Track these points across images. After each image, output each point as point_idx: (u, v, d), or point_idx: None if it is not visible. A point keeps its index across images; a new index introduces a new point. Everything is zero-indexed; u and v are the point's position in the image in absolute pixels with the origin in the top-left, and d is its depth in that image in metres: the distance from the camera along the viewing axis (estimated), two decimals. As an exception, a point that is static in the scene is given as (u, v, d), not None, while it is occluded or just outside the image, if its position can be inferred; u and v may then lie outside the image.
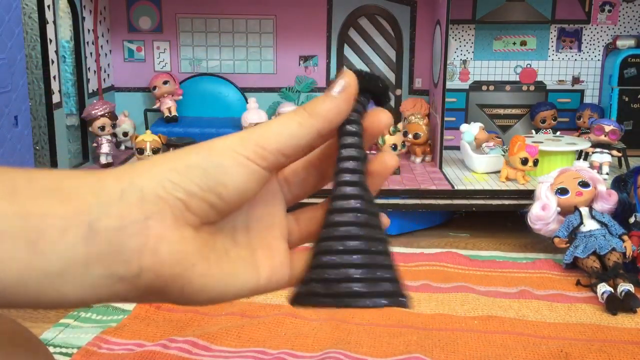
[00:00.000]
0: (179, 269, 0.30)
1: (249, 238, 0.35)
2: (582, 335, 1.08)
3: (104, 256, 0.29)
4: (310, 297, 0.33)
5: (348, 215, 0.32)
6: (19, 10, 1.38)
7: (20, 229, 0.28)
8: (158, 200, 0.30)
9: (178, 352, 1.01)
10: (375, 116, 0.35)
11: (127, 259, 0.29)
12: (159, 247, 0.30)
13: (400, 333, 1.08)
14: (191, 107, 1.96)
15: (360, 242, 0.32)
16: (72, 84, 1.73)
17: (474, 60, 1.98)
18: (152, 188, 0.30)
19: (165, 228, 0.30)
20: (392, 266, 0.33)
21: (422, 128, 1.76)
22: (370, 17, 1.94)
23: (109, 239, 0.29)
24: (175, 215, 0.30)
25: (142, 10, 1.94)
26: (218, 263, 0.32)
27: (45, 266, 0.28)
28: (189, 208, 0.31)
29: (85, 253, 0.29)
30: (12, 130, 1.38)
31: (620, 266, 1.25)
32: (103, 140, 1.72)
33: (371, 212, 0.33)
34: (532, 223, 1.44)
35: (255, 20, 1.95)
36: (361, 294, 0.31)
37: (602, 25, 1.96)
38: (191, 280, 0.31)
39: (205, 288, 0.32)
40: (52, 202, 0.28)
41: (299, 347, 1.03)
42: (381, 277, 0.32)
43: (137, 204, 0.30)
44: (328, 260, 0.32)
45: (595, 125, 1.69)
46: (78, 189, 0.29)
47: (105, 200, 0.29)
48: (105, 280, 0.29)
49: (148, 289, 0.30)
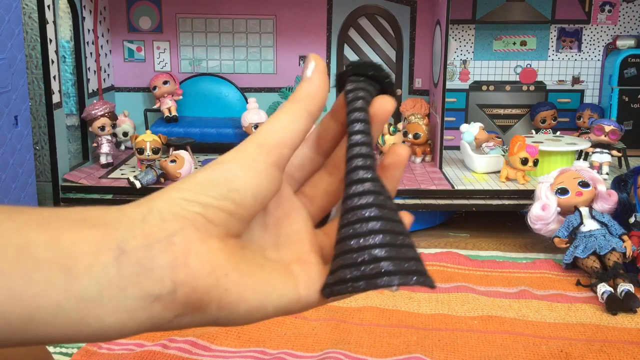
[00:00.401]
0: (212, 279, 0.31)
1: (280, 255, 0.35)
2: (582, 335, 1.08)
3: (136, 277, 0.29)
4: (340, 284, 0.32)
5: (366, 197, 0.32)
6: (19, 10, 1.38)
7: (54, 256, 0.28)
8: (177, 217, 0.31)
9: (178, 352, 1.01)
10: (378, 102, 0.35)
11: (159, 277, 0.30)
12: (188, 260, 0.30)
13: (400, 333, 1.08)
14: (191, 107, 1.96)
15: (381, 222, 0.32)
16: (72, 84, 1.73)
17: (474, 60, 1.98)
18: (169, 208, 0.31)
19: (190, 242, 0.30)
20: (413, 246, 0.33)
21: (422, 128, 1.76)
22: (370, 17, 1.94)
23: (138, 259, 0.29)
24: (198, 228, 0.31)
25: (142, 10, 1.94)
26: (251, 273, 0.32)
27: (82, 291, 0.28)
28: (208, 219, 0.31)
29: (118, 275, 0.29)
30: (12, 130, 1.38)
31: (620, 266, 1.25)
32: (103, 140, 1.72)
33: (386, 195, 0.33)
34: (532, 223, 1.44)
35: (255, 20, 1.95)
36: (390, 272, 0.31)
37: (602, 25, 1.96)
38: (227, 289, 0.31)
39: (242, 296, 0.31)
40: (80, 230, 0.29)
41: (299, 347, 1.03)
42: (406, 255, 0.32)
43: (159, 224, 0.30)
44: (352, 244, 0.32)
45: (595, 125, 1.69)
46: (102, 217, 0.30)
47: (129, 225, 0.30)
48: (141, 302, 0.30)
49: (186, 306, 0.31)
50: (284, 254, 0.35)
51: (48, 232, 0.29)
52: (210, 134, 1.84)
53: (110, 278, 0.29)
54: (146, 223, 0.30)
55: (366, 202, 0.32)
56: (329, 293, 0.33)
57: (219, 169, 0.32)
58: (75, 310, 0.28)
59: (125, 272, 0.29)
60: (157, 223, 0.30)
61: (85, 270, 0.29)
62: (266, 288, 0.32)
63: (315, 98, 0.34)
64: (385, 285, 0.31)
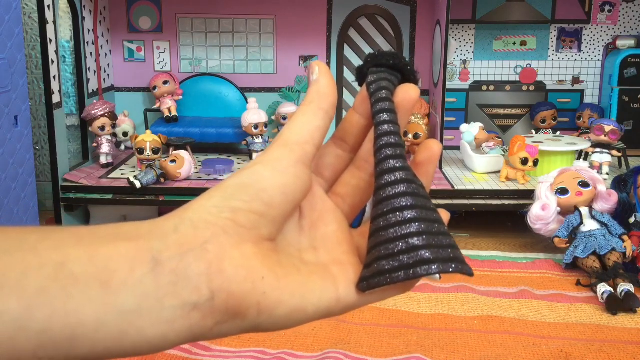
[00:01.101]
0: (249, 284, 0.31)
1: (318, 257, 0.35)
2: (582, 335, 1.08)
3: (173, 287, 0.30)
4: (379, 276, 0.32)
5: (398, 186, 0.32)
6: (19, 10, 1.38)
7: (91, 271, 0.29)
8: (208, 225, 0.31)
9: (178, 352, 1.01)
10: (402, 90, 0.36)
11: (196, 285, 0.30)
12: (223, 267, 0.30)
13: (400, 333, 1.08)
14: (191, 107, 1.96)
15: (416, 210, 0.31)
16: (72, 84, 1.73)
17: (474, 60, 1.98)
18: (200, 217, 0.31)
19: (223, 249, 0.31)
20: (449, 234, 0.32)
21: (422, 128, 1.76)
22: (370, 17, 1.94)
23: (174, 269, 0.30)
24: (230, 234, 0.31)
25: (142, 10, 1.94)
26: (289, 276, 0.32)
27: (121, 304, 0.29)
28: (239, 224, 0.31)
29: (155, 286, 0.29)
30: (12, 130, 1.38)
31: (620, 266, 1.26)
32: (103, 140, 1.72)
33: (418, 183, 0.33)
34: (532, 223, 1.44)
35: (255, 20, 1.95)
36: (429, 260, 0.30)
37: (602, 25, 1.96)
38: (265, 292, 0.31)
39: (281, 300, 0.31)
40: (115, 244, 0.30)
41: (299, 347, 1.03)
42: (442, 243, 0.31)
43: (191, 233, 0.31)
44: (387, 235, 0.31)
45: (595, 125, 1.69)
46: (136, 231, 0.31)
47: (162, 236, 0.31)
48: (180, 312, 0.30)
49: (225, 313, 0.31)
50: (321, 256, 0.35)
51: (84, 248, 0.29)
52: (210, 134, 1.84)
53: (148, 289, 0.29)
54: (179, 233, 0.31)
55: (399, 191, 0.32)
56: (365, 287, 0.33)
57: (246, 173, 0.33)
58: (116, 324, 0.29)
59: (162, 283, 0.29)
60: (189, 232, 0.31)
61: (122, 283, 0.29)
62: (304, 290, 0.32)
63: (325, 95, 0.35)
64: (425, 274, 0.31)
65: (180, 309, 0.30)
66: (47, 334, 0.28)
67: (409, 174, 0.32)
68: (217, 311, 0.30)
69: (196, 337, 0.31)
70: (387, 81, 0.35)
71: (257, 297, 0.31)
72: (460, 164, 1.78)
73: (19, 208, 1.41)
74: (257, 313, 0.31)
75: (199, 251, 0.30)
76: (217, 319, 0.31)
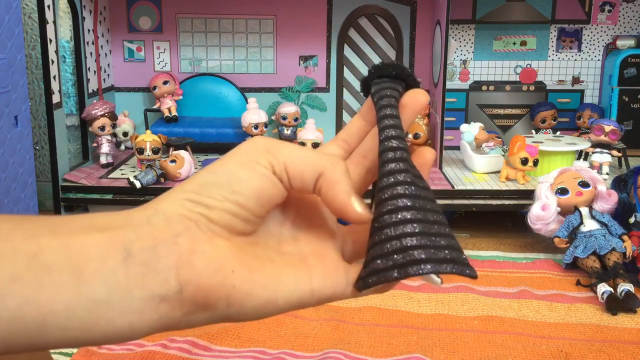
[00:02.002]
0: (218, 278, 0.31)
1: (298, 248, 0.35)
2: (582, 335, 1.08)
3: (142, 278, 0.30)
4: (373, 275, 0.32)
5: (396, 189, 0.32)
6: (19, 10, 1.38)
7: (64, 260, 0.29)
8: (182, 218, 0.31)
9: (178, 352, 1.01)
10: (409, 95, 0.36)
11: (165, 277, 0.30)
12: (193, 260, 0.31)
13: (400, 333, 1.08)
14: (191, 107, 1.96)
15: (412, 211, 0.32)
16: (72, 84, 1.73)
17: (474, 60, 1.98)
18: (174, 210, 0.32)
19: (194, 242, 0.31)
20: (450, 235, 0.33)
21: (422, 128, 1.76)
22: (370, 17, 1.94)
23: (144, 261, 0.30)
24: (202, 229, 0.31)
25: (142, 10, 1.94)
26: (261, 269, 0.33)
27: (91, 293, 0.29)
28: (212, 220, 0.32)
29: (125, 277, 0.30)
30: (12, 130, 1.38)
31: (620, 266, 1.25)
32: (103, 140, 1.72)
33: (420, 185, 0.33)
34: (532, 223, 1.44)
35: (255, 20, 1.95)
36: (422, 260, 0.31)
37: (602, 25, 1.96)
38: (234, 285, 0.31)
39: (252, 293, 0.32)
40: (89, 234, 0.30)
41: (299, 347, 1.03)
42: (440, 244, 0.32)
43: (164, 225, 0.31)
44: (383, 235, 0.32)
45: (595, 125, 1.69)
46: (110, 222, 0.31)
47: (135, 227, 0.31)
48: (149, 303, 0.30)
49: (193, 304, 0.31)
50: (302, 247, 0.35)
51: (58, 237, 0.30)
52: (210, 134, 1.84)
53: (118, 280, 0.30)
54: (152, 225, 0.31)
55: (397, 193, 0.32)
56: (362, 285, 0.33)
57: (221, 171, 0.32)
58: (87, 313, 0.29)
59: (132, 274, 0.30)
60: (162, 225, 0.31)
61: (93, 273, 0.29)
62: (276, 282, 0.33)
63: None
64: (417, 273, 0.31)
65: (149, 300, 0.30)
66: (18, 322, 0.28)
67: (409, 176, 0.33)
68: (185, 303, 0.31)
69: (165, 327, 0.31)
70: (391, 89, 0.36)
71: (227, 290, 0.31)
72: (460, 164, 1.78)
73: (19, 208, 1.41)
74: (226, 305, 0.31)
75: (170, 244, 0.30)
76: (185, 310, 0.31)
